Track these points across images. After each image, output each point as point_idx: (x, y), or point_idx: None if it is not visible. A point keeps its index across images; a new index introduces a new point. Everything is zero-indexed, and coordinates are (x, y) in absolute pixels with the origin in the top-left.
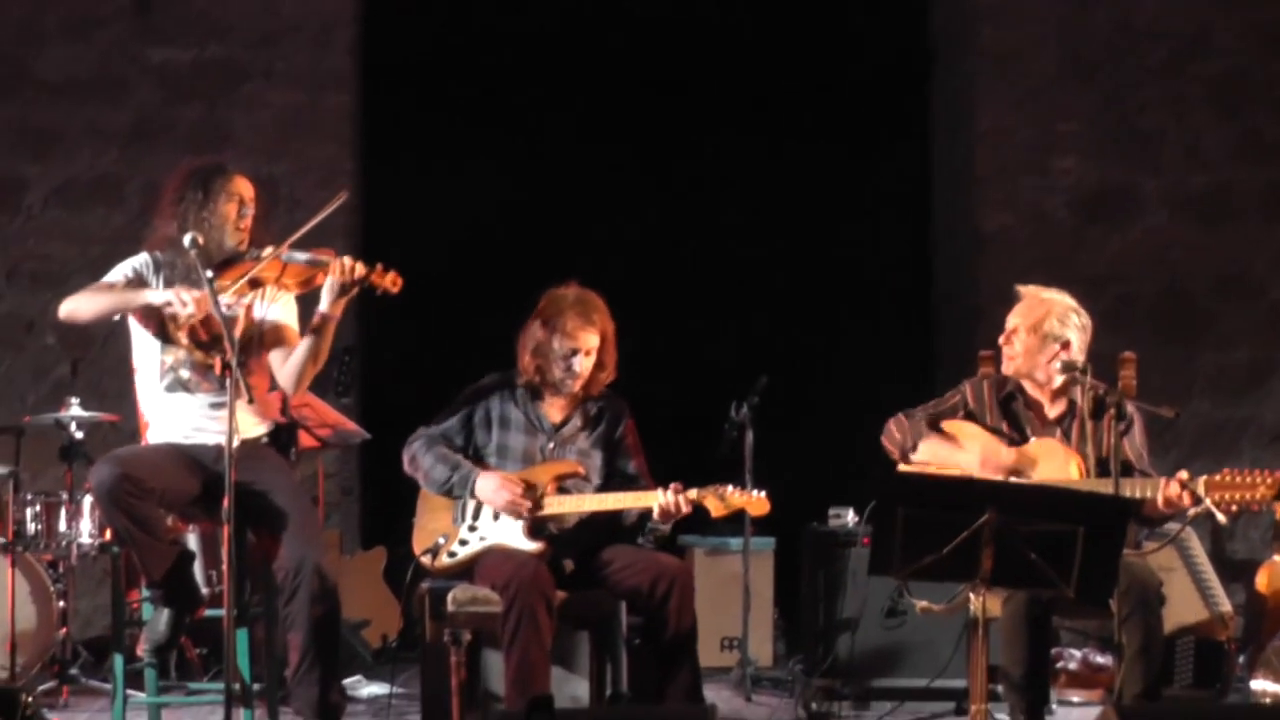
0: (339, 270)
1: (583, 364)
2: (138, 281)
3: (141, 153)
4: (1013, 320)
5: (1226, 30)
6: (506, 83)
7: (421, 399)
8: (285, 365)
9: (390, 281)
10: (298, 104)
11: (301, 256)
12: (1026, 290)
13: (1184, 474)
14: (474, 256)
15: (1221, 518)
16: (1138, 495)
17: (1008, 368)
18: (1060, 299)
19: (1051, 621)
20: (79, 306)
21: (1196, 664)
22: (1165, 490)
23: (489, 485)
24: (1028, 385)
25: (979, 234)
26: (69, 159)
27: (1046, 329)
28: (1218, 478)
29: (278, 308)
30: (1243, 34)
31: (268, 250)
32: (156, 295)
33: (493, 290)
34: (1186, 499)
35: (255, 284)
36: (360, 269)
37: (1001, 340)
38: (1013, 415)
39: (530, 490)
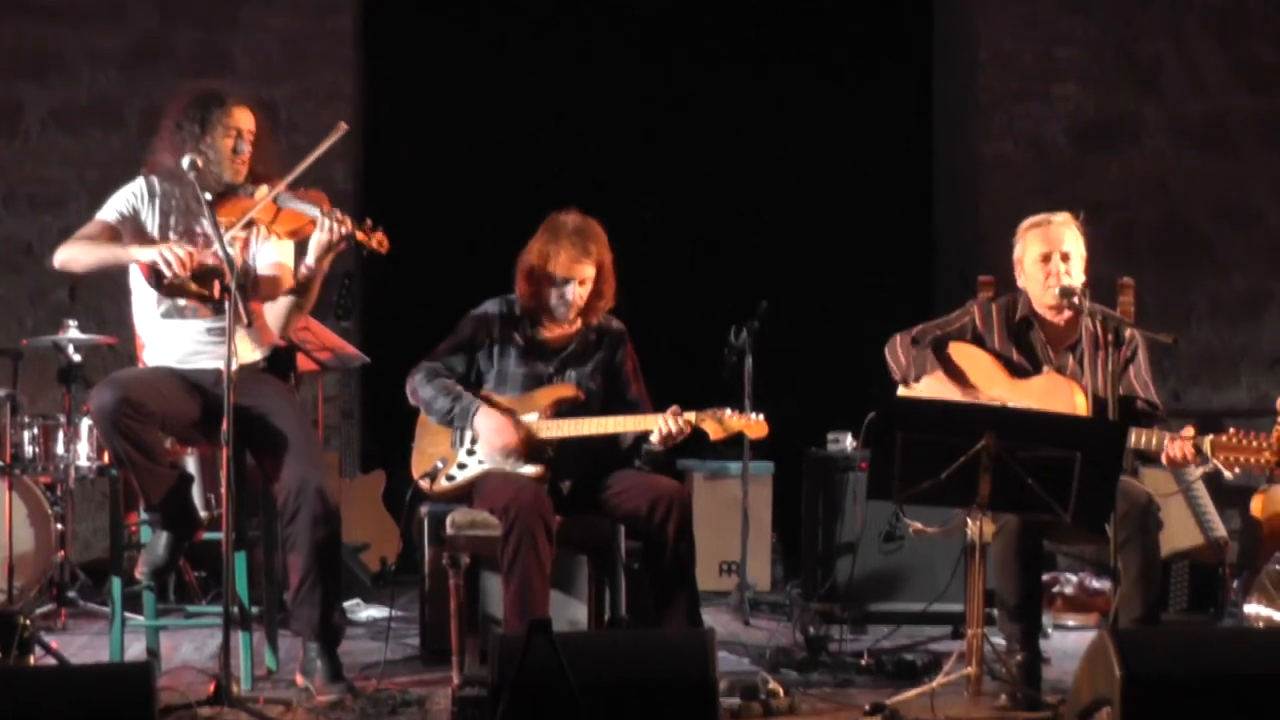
0: (326, 228)
1: (577, 293)
2: (132, 218)
3: (140, 75)
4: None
5: None
6: (508, 5)
7: (422, 323)
8: (272, 309)
9: (377, 243)
10: (298, 27)
11: (295, 203)
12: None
13: (1189, 431)
14: (475, 180)
15: (1228, 474)
16: (1143, 445)
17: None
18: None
19: (1043, 548)
20: (72, 258)
21: (1192, 588)
22: (1171, 449)
23: (489, 424)
24: (1044, 311)
25: (979, 160)
26: (67, 82)
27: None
28: (1224, 438)
29: (270, 248)
30: None
31: (263, 189)
32: (143, 253)
33: (494, 213)
34: (1192, 457)
35: (249, 224)
36: (347, 226)
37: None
38: (1025, 342)
39: (527, 435)
